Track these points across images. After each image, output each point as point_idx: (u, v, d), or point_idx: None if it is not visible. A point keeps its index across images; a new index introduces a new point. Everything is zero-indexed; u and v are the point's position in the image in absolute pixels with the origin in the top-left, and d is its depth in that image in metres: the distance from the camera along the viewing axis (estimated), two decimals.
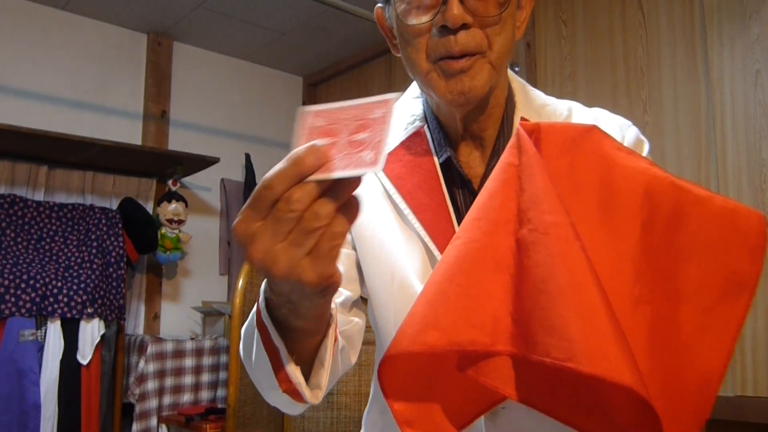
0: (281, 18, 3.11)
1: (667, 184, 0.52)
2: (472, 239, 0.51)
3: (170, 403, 2.72)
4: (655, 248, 0.52)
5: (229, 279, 3.39)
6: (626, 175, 0.52)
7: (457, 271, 0.51)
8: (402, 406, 0.55)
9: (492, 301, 0.50)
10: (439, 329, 0.49)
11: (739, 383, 1.97)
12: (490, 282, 0.50)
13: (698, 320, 0.51)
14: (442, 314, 0.50)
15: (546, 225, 0.48)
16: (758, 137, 2.00)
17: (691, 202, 0.51)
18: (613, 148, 0.54)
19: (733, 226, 0.51)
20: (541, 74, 2.64)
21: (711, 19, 2.15)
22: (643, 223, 0.52)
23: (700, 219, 0.51)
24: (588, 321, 0.45)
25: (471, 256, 0.51)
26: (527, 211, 0.50)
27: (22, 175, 2.71)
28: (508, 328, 0.50)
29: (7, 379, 2.27)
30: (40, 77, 2.90)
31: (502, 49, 0.75)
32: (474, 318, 0.50)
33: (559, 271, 0.47)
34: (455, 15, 0.70)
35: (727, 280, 0.51)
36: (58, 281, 2.45)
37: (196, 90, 3.40)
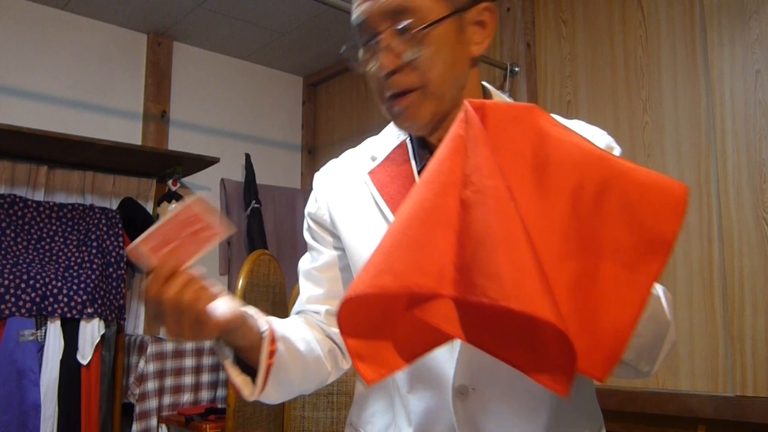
0: (281, 18, 3.11)
1: (596, 155, 0.59)
2: (423, 198, 0.60)
3: (170, 403, 2.72)
4: (582, 212, 0.58)
5: (229, 279, 3.39)
6: (559, 147, 0.59)
7: (409, 225, 0.59)
8: (355, 342, 0.63)
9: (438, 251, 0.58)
10: (392, 274, 0.57)
11: (739, 383, 1.97)
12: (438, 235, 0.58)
13: (618, 275, 0.58)
14: (395, 261, 0.57)
15: (486, 187, 0.56)
16: (758, 137, 2.00)
17: (617, 171, 0.58)
18: (550, 124, 0.61)
19: (655, 192, 0.58)
20: (541, 74, 2.64)
21: (711, 19, 2.15)
22: (572, 190, 0.59)
23: (625, 186, 0.58)
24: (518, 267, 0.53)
25: (422, 213, 0.59)
26: (471, 175, 0.58)
27: (22, 175, 2.71)
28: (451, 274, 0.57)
29: (7, 379, 2.27)
30: (40, 77, 2.90)
31: (439, 80, 0.81)
32: (422, 265, 0.57)
33: (496, 226, 0.55)
34: (384, 64, 0.81)
35: (648, 241, 0.57)
36: (58, 281, 2.45)
37: (196, 90, 3.40)
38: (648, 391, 2.15)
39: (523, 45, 2.65)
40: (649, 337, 0.69)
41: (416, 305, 0.60)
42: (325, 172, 1.02)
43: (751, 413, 1.91)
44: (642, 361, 0.71)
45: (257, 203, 3.35)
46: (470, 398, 0.81)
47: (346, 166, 1.00)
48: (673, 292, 2.12)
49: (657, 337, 0.71)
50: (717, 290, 2.05)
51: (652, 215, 0.57)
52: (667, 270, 2.15)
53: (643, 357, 0.70)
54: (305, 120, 3.84)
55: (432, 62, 0.80)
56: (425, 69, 0.80)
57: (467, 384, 0.81)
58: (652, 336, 0.70)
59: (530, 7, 2.69)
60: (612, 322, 0.57)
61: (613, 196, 0.58)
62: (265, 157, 3.55)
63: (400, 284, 0.57)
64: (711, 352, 2.04)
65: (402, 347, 0.64)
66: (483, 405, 0.81)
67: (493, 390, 0.81)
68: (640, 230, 0.58)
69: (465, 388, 0.81)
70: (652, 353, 0.72)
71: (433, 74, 0.81)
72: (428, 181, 0.60)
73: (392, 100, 0.83)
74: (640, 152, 2.28)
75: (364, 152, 0.98)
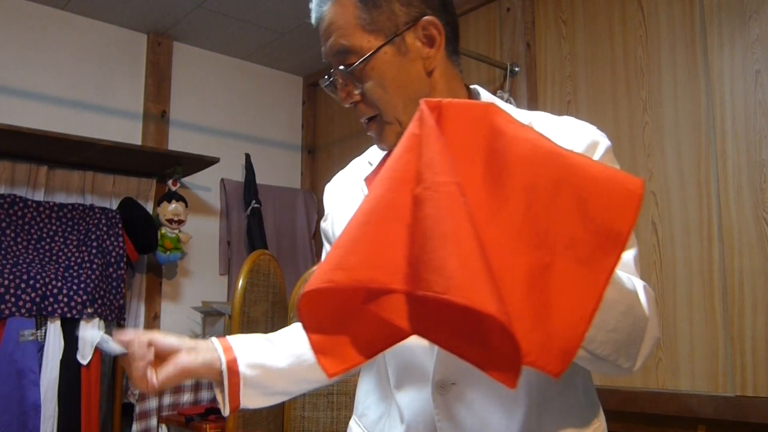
0: (281, 18, 3.11)
1: (551, 152, 0.60)
2: (378, 195, 0.61)
3: (170, 403, 2.72)
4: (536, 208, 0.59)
5: (229, 279, 3.39)
6: (513, 144, 0.60)
7: (363, 221, 0.60)
8: (316, 336, 0.64)
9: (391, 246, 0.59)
10: (344, 269, 0.58)
11: (739, 383, 1.97)
12: (391, 231, 0.59)
13: (572, 270, 0.58)
14: (348, 257, 0.59)
15: (437, 184, 0.57)
16: (758, 137, 2.00)
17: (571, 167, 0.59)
18: (506, 122, 0.62)
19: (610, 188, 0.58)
20: (541, 74, 2.64)
21: (711, 19, 2.15)
22: (526, 186, 0.59)
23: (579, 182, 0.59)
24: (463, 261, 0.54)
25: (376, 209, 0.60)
26: (423, 172, 0.59)
27: (22, 175, 2.71)
28: (403, 269, 0.58)
29: (7, 379, 2.27)
30: (40, 77, 2.90)
31: (389, 106, 0.86)
32: (375, 260, 0.58)
33: (444, 221, 0.56)
34: (343, 98, 0.89)
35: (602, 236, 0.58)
36: (58, 281, 2.45)
37: (195, 90, 3.40)
38: (648, 391, 2.15)
39: (523, 45, 2.65)
40: (626, 332, 0.69)
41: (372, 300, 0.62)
42: (331, 185, 1.07)
43: (751, 413, 1.91)
44: (621, 357, 0.71)
45: (257, 203, 3.35)
46: (450, 392, 0.83)
47: (349, 175, 1.04)
48: (673, 292, 2.12)
49: (634, 332, 0.71)
50: (717, 290, 2.05)
51: (605, 210, 0.58)
52: (667, 270, 2.15)
53: (621, 353, 0.71)
54: (305, 120, 3.84)
55: (377, 92, 0.85)
56: (374, 100, 0.86)
57: (447, 379, 0.83)
58: (629, 331, 0.70)
59: (530, 7, 2.69)
60: (566, 317, 0.58)
61: (567, 193, 0.58)
62: (265, 157, 3.55)
63: (353, 279, 0.58)
64: (711, 352, 2.04)
65: (362, 342, 0.66)
66: (462, 399, 0.83)
67: (473, 384, 0.83)
68: (594, 225, 0.58)
69: (445, 382, 0.83)
70: (631, 349, 0.72)
71: (382, 102, 0.86)
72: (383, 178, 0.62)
73: (367, 124, 0.90)
74: (640, 152, 2.28)
75: (365, 158, 1.02)
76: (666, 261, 2.17)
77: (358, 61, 0.84)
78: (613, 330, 0.67)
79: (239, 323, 2.23)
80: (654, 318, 0.76)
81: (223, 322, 3.03)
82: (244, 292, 2.26)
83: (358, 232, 0.60)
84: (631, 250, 0.80)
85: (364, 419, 0.98)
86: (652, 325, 0.75)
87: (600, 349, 0.67)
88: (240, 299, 2.24)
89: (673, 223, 2.17)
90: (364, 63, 0.84)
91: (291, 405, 2.44)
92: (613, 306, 0.66)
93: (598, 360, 0.69)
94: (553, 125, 0.89)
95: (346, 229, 0.61)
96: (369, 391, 0.98)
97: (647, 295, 0.76)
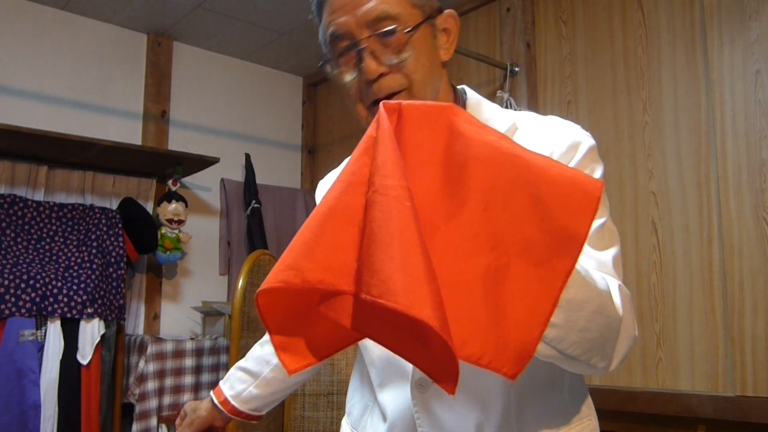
0: (281, 18, 3.11)
1: (509, 153, 0.59)
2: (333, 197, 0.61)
3: (170, 403, 2.72)
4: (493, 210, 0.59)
5: (229, 279, 3.39)
6: (471, 145, 0.60)
7: (316, 223, 0.61)
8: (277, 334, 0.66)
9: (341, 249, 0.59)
10: (295, 269, 0.59)
11: (739, 383, 1.97)
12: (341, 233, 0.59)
13: (528, 272, 0.58)
14: (300, 258, 0.59)
15: (385, 187, 0.57)
16: (758, 137, 2.00)
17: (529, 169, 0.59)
18: (465, 123, 0.62)
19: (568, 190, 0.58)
20: (541, 74, 2.64)
21: (711, 19, 2.15)
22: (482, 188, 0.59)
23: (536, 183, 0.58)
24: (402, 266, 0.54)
25: (329, 211, 0.60)
26: (374, 175, 0.59)
27: (22, 175, 2.71)
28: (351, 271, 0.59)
29: (7, 379, 2.27)
30: (40, 77, 2.90)
31: (423, 81, 0.86)
32: (325, 262, 0.59)
33: (389, 224, 0.56)
34: (371, 70, 0.84)
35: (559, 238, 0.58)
36: (58, 281, 2.45)
37: (196, 90, 3.40)
38: (648, 391, 2.15)
39: (523, 45, 2.65)
40: (598, 332, 0.69)
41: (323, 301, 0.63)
42: (324, 182, 1.08)
43: (751, 413, 1.91)
44: (594, 357, 0.71)
45: (257, 203, 3.36)
46: (429, 390, 0.85)
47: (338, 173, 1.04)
48: (673, 292, 2.12)
49: (607, 332, 0.71)
50: (717, 290, 2.05)
51: (563, 212, 0.58)
52: (667, 270, 2.15)
53: (594, 352, 0.71)
54: (305, 120, 3.84)
55: (416, 64, 0.85)
56: (411, 71, 0.85)
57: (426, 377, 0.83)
58: (601, 330, 0.70)
59: (530, 7, 2.69)
60: (522, 320, 0.58)
61: (524, 194, 0.58)
62: (265, 157, 3.55)
63: (302, 279, 0.58)
64: (711, 352, 2.04)
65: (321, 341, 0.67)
66: (441, 396, 0.85)
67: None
68: (551, 227, 0.58)
69: (424, 380, 0.85)
70: (605, 349, 0.72)
71: (418, 76, 0.86)
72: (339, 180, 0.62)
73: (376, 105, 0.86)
74: (640, 152, 2.28)
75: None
76: (666, 261, 2.17)
77: (401, 29, 0.83)
78: (583, 329, 0.67)
79: (239, 323, 2.23)
80: (629, 317, 0.76)
81: (223, 322, 3.03)
82: (244, 292, 2.26)
83: (309, 234, 0.60)
84: (611, 249, 0.81)
85: (351, 417, 1.01)
86: (627, 324, 0.75)
87: (571, 349, 0.67)
88: (240, 299, 2.24)
89: (673, 223, 2.17)
90: (411, 32, 0.84)
91: (291, 405, 2.44)
92: (583, 306, 0.66)
93: (571, 359, 0.69)
94: (537, 125, 0.89)
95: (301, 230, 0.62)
96: (355, 389, 1.03)
97: (621, 294, 0.76)
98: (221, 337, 2.97)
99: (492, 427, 0.83)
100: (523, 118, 0.92)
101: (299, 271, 0.58)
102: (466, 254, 0.59)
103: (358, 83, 0.87)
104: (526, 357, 0.58)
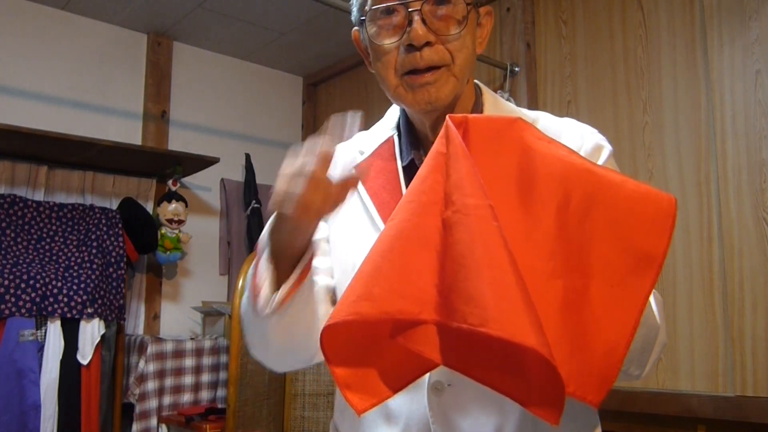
0: (281, 18, 3.11)
1: (582, 169, 0.57)
2: (403, 219, 0.57)
3: (170, 403, 2.72)
4: (569, 228, 0.57)
5: (229, 279, 3.39)
6: (544, 162, 0.57)
7: (389, 249, 0.57)
8: (342, 371, 0.60)
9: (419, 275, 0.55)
10: (371, 300, 0.55)
11: (739, 383, 1.97)
12: (418, 258, 0.56)
13: (607, 293, 0.56)
14: (374, 287, 0.55)
15: (467, 207, 0.54)
16: (758, 137, 2.00)
17: (604, 185, 0.57)
18: (534, 137, 0.59)
19: (643, 207, 0.56)
20: (541, 74, 2.64)
21: (711, 19, 2.14)
22: (558, 206, 0.57)
23: (612, 201, 0.56)
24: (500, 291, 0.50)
25: (402, 234, 0.57)
26: (451, 194, 0.56)
27: (22, 175, 2.71)
28: (433, 298, 0.55)
29: (7, 379, 2.27)
30: (40, 77, 2.90)
31: (464, 63, 0.84)
32: (402, 290, 0.55)
33: (477, 247, 0.52)
34: (419, 35, 0.80)
35: (636, 257, 0.55)
36: (58, 281, 2.45)
37: (196, 90, 3.40)
38: (648, 391, 2.15)
39: (523, 45, 2.65)
40: (640, 342, 0.68)
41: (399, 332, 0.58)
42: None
43: (751, 413, 1.91)
44: (632, 366, 0.71)
45: (257, 203, 3.36)
46: (445, 394, 0.82)
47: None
48: (673, 292, 2.12)
49: (647, 342, 0.71)
50: (717, 290, 2.05)
51: (639, 231, 0.56)
52: (667, 270, 2.15)
53: (633, 362, 0.70)
54: (305, 120, 3.84)
55: (464, 42, 0.83)
56: (457, 47, 0.83)
57: (443, 380, 0.82)
58: (642, 341, 0.69)
59: (530, 7, 2.69)
60: (604, 344, 0.55)
61: (599, 212, 0.56)
62: (265, 157, 3.55)
63: (380, 310, 0.55)
64: (711, 352, 2.04)
65: (390, 375, 0.62)
66: (457, 401, 0.81)
67: (469, 386, 0.81)
68: (628, 247, 0.56)
69: (441, 384, 0.82)
70: (642, 358, 0.72)
71: (462, 54, 0.83)
72: (409, 201, 0.58)
73: (413, 75, 0.83)
74: (640, 152, 2.28)
75: (353, 146, 0.98)
76: (666, 261, 2.15)
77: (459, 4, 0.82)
78: None
79: (239, 323, 2.23)
80: (663, 324, 0.75)
81: (223, 322, 3.03)
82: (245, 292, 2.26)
83: (382, 261, 0.56)
84: None
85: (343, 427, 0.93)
86: (662, 332, 0.75)
87: None
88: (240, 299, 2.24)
89: None
90: (470, 7, 0.83)
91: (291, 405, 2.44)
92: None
93: None
94: (556, 125, 0.88)
95: (368, 257, 0.58)
96: None
97: (656, 301, 0.75)
98: (221, 337, 2.97)
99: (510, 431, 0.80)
100: (542, 117, 0.91)
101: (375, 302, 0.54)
102: (545, 275, 0.56)
103: (396, 48, 0.83)
104: (608, 383, 0.55)
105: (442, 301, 0.54)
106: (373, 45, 0.86)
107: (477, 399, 0.81)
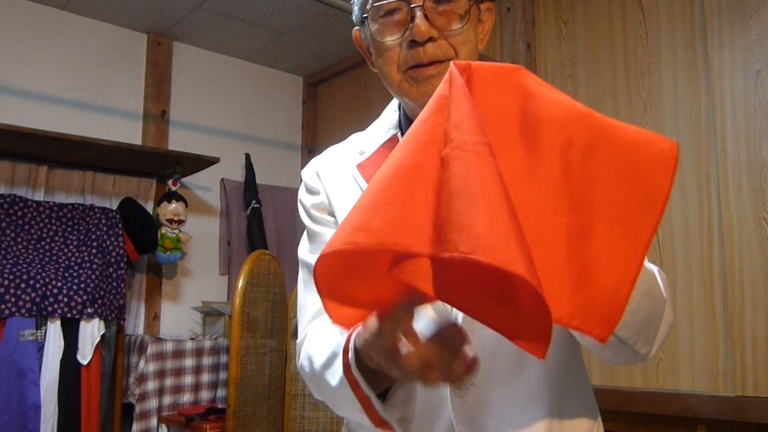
0: (281, 18, 3.11)
1: (585, 113, 0.59)
2: (402, 157, 0.58)
3: (170, 403, 2.72)
4: (572, 168, 0.58)
5: (229, 279, 3.39)
6: (546, 106, 0.59)
7: (387, 184, 0.57)
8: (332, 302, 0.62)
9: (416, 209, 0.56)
10: (367, 231, 0.55)
11: (739, 383, 1.97)
12: (416, 193, 0.56)
13: (612, 231, 0.57)
14: (371, 219, 0.56)
15: (466, 143, 0.55)
16: (758, 137, 2.00)
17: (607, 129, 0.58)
18: (536, 83, 0.60)
19: (646, 149, 0.57)
20: (541, 74, 2.64)
21: (711, 19, 2.14)
22: (561, 147, 0.58)
23: (615, 143, 0.57)
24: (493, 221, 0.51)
25: (401, 171, 0.58)
26: (451, 132, 0.57)
27: (22, 175, 2.71)
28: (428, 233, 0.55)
29: (7, 379, 2.27)
30: (40, 77, 2.90)
31: (467, 57, 0.83)
32: (399, 223, 0.55)
33: (472, 180, 0.53)
34: (422, 30, 0.80)
35: (640, 196, 0.57)
36: (58, 281, 2.45)
37: (196, 90, 3.40)
38: (648, 391, 2.15)
39: (523, 45, 2.65)
40: (646, 312, 0.69)
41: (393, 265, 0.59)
42: (315, 164, 0.98)
43: (751, 413, 1.91)
44: (640, 341, 0.71)
45: (257, 203, 3.36)
46: (469, 394, 0.80)
47: (333, 160, 0.97)
48: (673, 292, 2.12)
49: (653, 314, 0.71)
50: (717, 290, 2.05)
51: (643, 171, 0.57)
52: (667, 270, 2.15)
53: (640, 335, 0.70)
54: (305, 120, 3.84)
55: (467, 36, 0.84)
56: (460, 42, 0.83)
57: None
58: (649, 311, 0.69)
59: (530, 7, 2.69)
60: (610, 280, 0.56)
61: (602, 153, 0.58)
62: (265, 157, 3.55)
63: (376, 241, 0.55)
64: (711, 352, 2.04)
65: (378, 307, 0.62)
66: (482, 400, 0.80)
67: (493, 385, 0.80)
68: (632, 186, 0.57)
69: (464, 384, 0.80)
70: (649, 332, 0.72)
71: (465, 49, 0.84)
72: (409, 140, 0.59)
73: (416, 69, 0.83)
74: None
75: (350, 147, 0.96)
76: (666, 261, 2.17)
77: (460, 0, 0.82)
78: (634, 310, 0.66)
79: (239, 323, 2.23)
80: (670, 302, 0.75)
81: (223, 322, 3.03)
82: (245, 292, 2.26)
83: (380, 195, 0.57)
84: None
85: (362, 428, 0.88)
86: (668, 308, 0.75)
87: (622, 331, 0.66)
88: (240, 299, 2.24)
89: (673, 223, 2.17)
90: (471, 4, 0.83)
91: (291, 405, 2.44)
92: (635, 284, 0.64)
93: (619, 344, 0.68)
94: None
95: (366, 191, 0.58)
96: None
97: (662, 278, 0.76)
98: (221, 337, 2.97)
99: (538, 429, 0.79)
100: None
101: (372, 233, 0.55)
102: (548, 214, 0.57)
103: (399, 44, 0.83)
104: (615, 319, 0.56)
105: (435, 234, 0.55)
106: (375, 42, 0.86)
107: (501, 397, 0.80)
